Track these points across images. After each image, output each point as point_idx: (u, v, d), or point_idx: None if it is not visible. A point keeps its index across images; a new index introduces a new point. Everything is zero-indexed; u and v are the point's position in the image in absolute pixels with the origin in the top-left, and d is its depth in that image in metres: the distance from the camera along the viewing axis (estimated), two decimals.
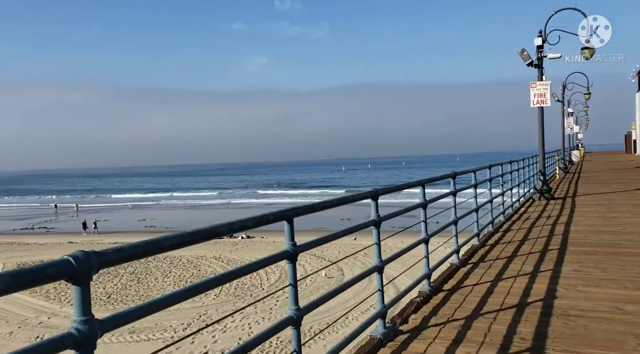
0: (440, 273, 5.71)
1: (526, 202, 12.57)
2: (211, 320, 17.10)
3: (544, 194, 12.82)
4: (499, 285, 5.27)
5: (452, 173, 6.09)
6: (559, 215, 9.90)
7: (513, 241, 7.51)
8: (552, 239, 7.44)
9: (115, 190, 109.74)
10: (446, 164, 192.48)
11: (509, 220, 9.54)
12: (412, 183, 5.08)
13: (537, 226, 8.60)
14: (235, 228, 2.60)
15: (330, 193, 77.73)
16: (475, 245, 7.21)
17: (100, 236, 38.04)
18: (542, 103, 12.39)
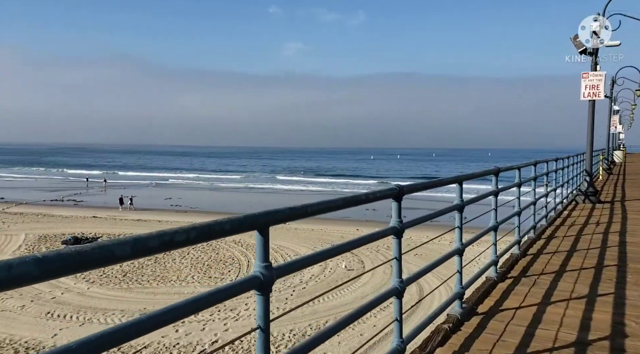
0: (474, 290, 4.82)
1: (569, 205, 11.40)
2: (224, 306, 16.56)
3: (589, 196, 11.60)
4: (548, 311, 4.33)
5: (495, 169, 5.22)
6: (609, 221, 8.77)
7: (559, 251, 6.48)
8: (606, 252, 6.40)
9: (143, 167, 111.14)
10: (478, 158, 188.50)
11: (551, 225, 8.48)
12: (448, 179, 4.16)
13: (586, 234, 7.53)
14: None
15: (354, 183, 76.73)
16: (515, 254, 6.22)
17: (134, 212, 37.91)
18: (595, 96, 11.12)
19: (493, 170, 5.12)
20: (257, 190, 63.92)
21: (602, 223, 8.60)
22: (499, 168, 5.19)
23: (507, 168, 5.39)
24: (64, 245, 24.05)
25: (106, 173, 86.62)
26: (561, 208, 10.44)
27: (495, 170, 5.14)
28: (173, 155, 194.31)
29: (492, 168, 5.10)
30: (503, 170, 5.14)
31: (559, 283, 5.10)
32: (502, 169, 5.12)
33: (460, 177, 4.25)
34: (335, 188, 65.59)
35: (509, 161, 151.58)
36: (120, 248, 1.41)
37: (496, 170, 5.16)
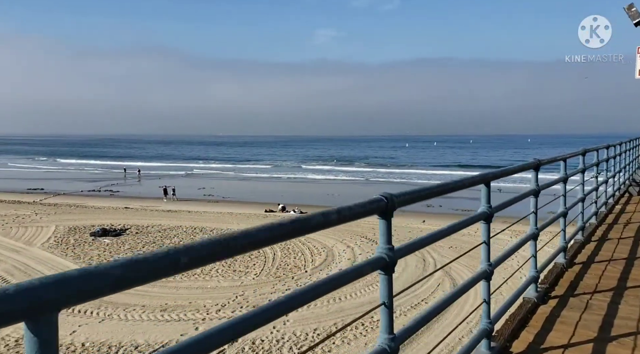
0: (507, 319, 3.92)
1: (621, 197, 10.14)
2: (247, 302, 15.97)
3: None
4: (609, 351, 3.39)
5: (534, 162, 4.51)
6: None
7: (615, 259, 5.38)
8: None
9: (178, 157, 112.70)
10: (517, 144, 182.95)
11: (602, 223, 7.36)
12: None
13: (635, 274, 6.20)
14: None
15: (383, 172, 75.26)
16: (560, 264, 5.22)
17: (174, 203, 38.00)
18: None
19: (532, 164, 4.25)
20: (287, 179, 63.55)
21: None
22: (539, 161, 4.31)
23: (549, 160, 4.38)
24: (92, 237, 24.04)
25: (147, 165, 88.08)
26: (613, 202, 9.21)
27: (534, 163, 4.26)
28: (207, 145, 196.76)
29: (531, 161, 4.23)
30: (544, 163, 4.13)
31: (620, 307, 4.07)
32: (544, 162, 4.12)
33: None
34: (368, 178, 64.51)
35: (549, 148, 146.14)
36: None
37: (535, 164, 4.28)
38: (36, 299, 0.99)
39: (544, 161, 4.56)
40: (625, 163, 11.22)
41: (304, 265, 20.27)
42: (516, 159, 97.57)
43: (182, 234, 25.00)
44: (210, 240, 1.42)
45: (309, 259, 21.05)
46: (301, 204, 37.09)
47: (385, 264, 2.18)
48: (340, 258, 21.30)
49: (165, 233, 25.12)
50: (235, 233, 1.55)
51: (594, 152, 6.99)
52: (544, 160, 4.57)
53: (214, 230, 26.06)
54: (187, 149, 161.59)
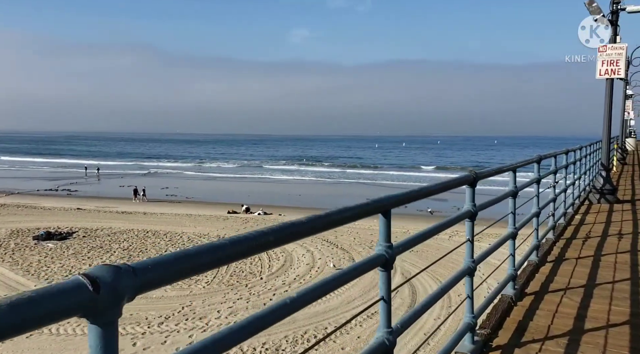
0: None
1: (581, 205, 9.54)
2: (194, 313, 14.95)
3: (606, 195, 9.74)
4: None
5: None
6: (636, 231, 6.92)
7: (572, 288, 4.69)
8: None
9: (143, 155, 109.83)
10: (483, 145, 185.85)
11: (560, 237, 6.67)
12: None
13: (608, 253, 5.65)
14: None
15: (351, 173, 74.92)
16: (507, 297, 4.64)
17: (147, 205, 36.44)
18: (614, 73, 9.23)
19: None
20: (254, 178, 62.37)
21: (627, 234, 6.75)
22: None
23: (487, 174, 3.80)
24: (34, 241, 22.53)
25: (105, 163, 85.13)
26: (572, 212, 8.56)
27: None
28: (177, 143, 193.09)
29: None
30: (481, 178, 3.50)
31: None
32: (480, 176, 3.49)
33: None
34: (336, 178, 63.93)
35: (512, 148, 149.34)
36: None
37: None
38: None
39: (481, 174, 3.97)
40: (586, 169, 10.66)
41: (260, 271, 19.33)
42: (481, 160, 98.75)
43: (133, 238, 23.68)
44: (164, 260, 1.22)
45: (265, 265, 20.12)
46: (267, 205, 36.14)
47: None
48: (299, 263, 20.45)
49: (115, 237, 23.75)
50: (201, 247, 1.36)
51: (552, 158, 6.30)
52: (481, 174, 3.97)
53: (167, 233, 24.82)
54: (155, 147, 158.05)
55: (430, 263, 3.85)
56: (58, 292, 0.97)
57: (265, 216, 32.44)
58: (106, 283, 1.04)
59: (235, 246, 1.42)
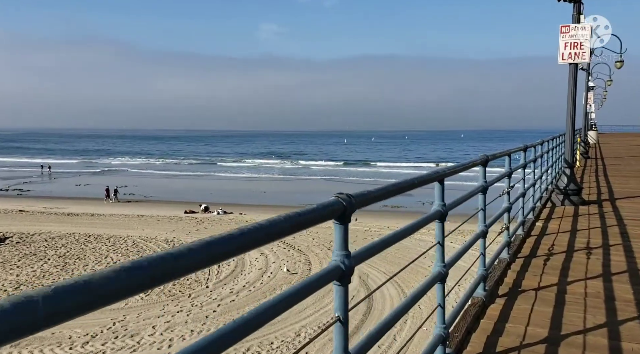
0: None
1: (543, 208, 8.46)
2: (125, 330, 13.42)
3: (570, 196, 8.70)
4: None
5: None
6: (606, 243, 5.78)
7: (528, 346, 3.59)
8: None
9: (107, 152, 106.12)
10: (450, 140, 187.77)
11: (517, 254, 5.48)
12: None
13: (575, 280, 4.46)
14: None
15: (323, 164, 73.93)
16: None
17: (118, 205, 34.39)
18: (578, 57, 8.20)
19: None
20: (218, 176, 60.53)
21: (595, 245, 5.60)
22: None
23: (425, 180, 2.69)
24: None
25: (73, 162, 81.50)
26: (533, 218, 7.43)
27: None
28: (143, 140, 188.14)
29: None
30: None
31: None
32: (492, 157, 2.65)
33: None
34: (303, 174, 62.76)
35: (478, 142, 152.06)
36: None
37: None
38: None
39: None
40: (548, 166, 9.58)
41: (207, 278, 17.86)
42: (447, 155, 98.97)
43: (72, 243, 21.83)
44: None
45: (214, 270, 18.65)
46: (229, 203, 34.66)
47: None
48: (251, 269, 19.08)
49: (53, 243, 21.85)
50: None
51: (506, 158, 5.13)
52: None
53: (111, 237, 23.03)
54: (120, 144, 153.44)
55: (393, 274, 3.41)
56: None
57: (224, 215, 30.93)
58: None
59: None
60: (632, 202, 9.18)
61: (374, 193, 2.19)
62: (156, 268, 1.06)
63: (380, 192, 2.28)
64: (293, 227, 1.60)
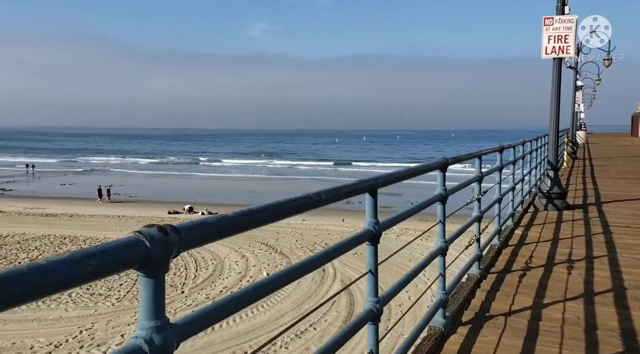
0: None
1: (525, 213, 7.91)
2: (92, 339, 12.76)
3: (554, 200, 8.17)
4: None
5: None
6: (590, 255, 5.22)
7: None
8: None
9: (91, 151, 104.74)
10: (441, 139, 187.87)
11: (492, 266, 4.92)
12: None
13: (554, 301, 3.92)
14: None
15: (313, 164, 73.38)
16: None
17: (111, 206, 33.59)
18: (562, 52, 7.69)
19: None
20: (206, 175, 59.74)
21: (578, 258, 5.04)
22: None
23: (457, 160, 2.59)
24: None
25: (47, 161, 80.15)
26: (512, 224, 6.89)
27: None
28: (131, 138, 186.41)
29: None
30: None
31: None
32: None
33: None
34: (292, 173, 62.20)
35: (470, 141, 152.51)
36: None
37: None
38: None
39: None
40: (531, 167, 9.04)
41: (184, 283, 17.22)
42: (442, 153, 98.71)
43: (46, 246, 21.09)
44: None
45: (191, 274, 18.02)
46: (215, 203, 34.04)
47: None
48: (230, 272, 18.47)
49: (26, 245, 21.10)
50: None
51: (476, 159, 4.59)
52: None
53: (87, 239, 22.31)
54: (108, 142, 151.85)
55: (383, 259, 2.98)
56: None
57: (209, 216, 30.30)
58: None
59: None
60: (618, 206, 8.67)
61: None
62: None
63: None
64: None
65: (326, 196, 1.99)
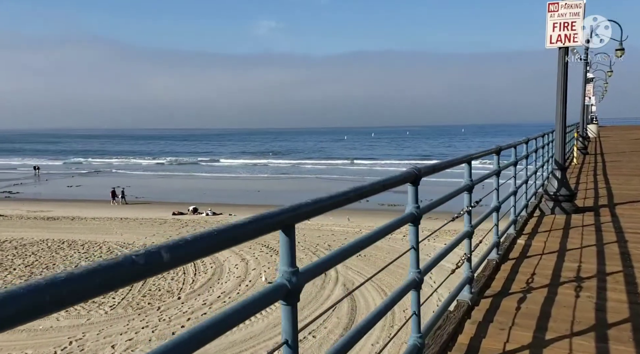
0: None
1: (529, 218, 7.22)
2: (81, 350, 12.29)
3: (561, 203, 7.49)
4: None
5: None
6: (602, 270, 4.51)
7: None
8: None
9: (96, 152, 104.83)
10: (451, 135, 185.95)
11: (488, 286, 4.27)
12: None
13: (556, 335, 3.25)
14: None
15: (319, 162, 72.75)
16: None
17: (125, 208, 33.32)
18: (569, 40, 7.00)
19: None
20: (213, 176, 59.37)
21: (588, 277, 4.33)
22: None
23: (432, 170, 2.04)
24: None
25: (52, 163, 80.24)
26: (514, 233, 6.25)
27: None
28: (138, 139, 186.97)
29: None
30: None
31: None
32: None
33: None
34: (298, 172, 61.66)
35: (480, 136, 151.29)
36: None
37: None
38: None
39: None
40: (535, 167, 8.32)
41: (181, 288, 16.72)
42: (452, 150, 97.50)
43: (43, 251, 20.70)
44: None
45: (189, 279, 17.51)
46: (220, 203, 33.70)
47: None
48: (229, 277, 17.94)
49: (22, 250, 20.73)
50: None
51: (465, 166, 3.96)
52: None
53: (85, 243, 21.91)
54: (114, 144, 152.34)
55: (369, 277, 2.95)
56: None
57: (212, 216, 29.90)
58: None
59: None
60: (634, 208, 7.95)
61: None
62: None
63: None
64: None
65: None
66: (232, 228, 1.47)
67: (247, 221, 1.55)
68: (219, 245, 1.44)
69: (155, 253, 1.18)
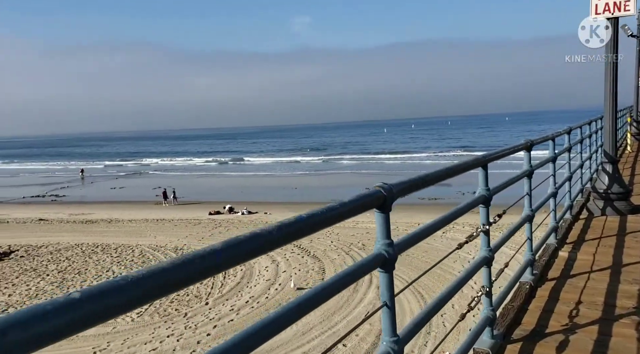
0: None
1: (575, 220, 6.13)
2: None
3: (613, 202, 6.35)
4: None
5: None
6: None
7: None
8: None
9: (138, 154, 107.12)
10: (495, 123, 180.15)
11: (517, 323, 3.32)
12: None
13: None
14: None
15: (354, 157, 71.65)
16: None
17: (176, 208, 33.69)
18: (619, 9, 5.88)
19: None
20: (252, 174, 59.37)
21: None
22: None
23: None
24: None
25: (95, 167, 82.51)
26: (555, 242, 5.17)
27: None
28: (181, 140, 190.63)
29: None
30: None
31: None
32: None
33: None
34: (340, 167, 60.92)
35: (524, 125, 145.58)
36: None
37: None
38: None
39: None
40: (582, 160, 7.12)
41: (209, 292, 16.30)
42: (502, 139, 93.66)
43: (77, 255, 20.81)
44: None
45: (218, 283, 17.07)
46: (257, 202, 33.53)
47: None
48: (258, 280, 17.41)
49: (57, 255, 20.92)
50: None
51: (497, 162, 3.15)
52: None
53: (119, 247, 21.91)
54: (157, 145, 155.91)
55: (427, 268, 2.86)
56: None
57: (248, 216, 29.57)
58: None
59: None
60: None
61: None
62: None
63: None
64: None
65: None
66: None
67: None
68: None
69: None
